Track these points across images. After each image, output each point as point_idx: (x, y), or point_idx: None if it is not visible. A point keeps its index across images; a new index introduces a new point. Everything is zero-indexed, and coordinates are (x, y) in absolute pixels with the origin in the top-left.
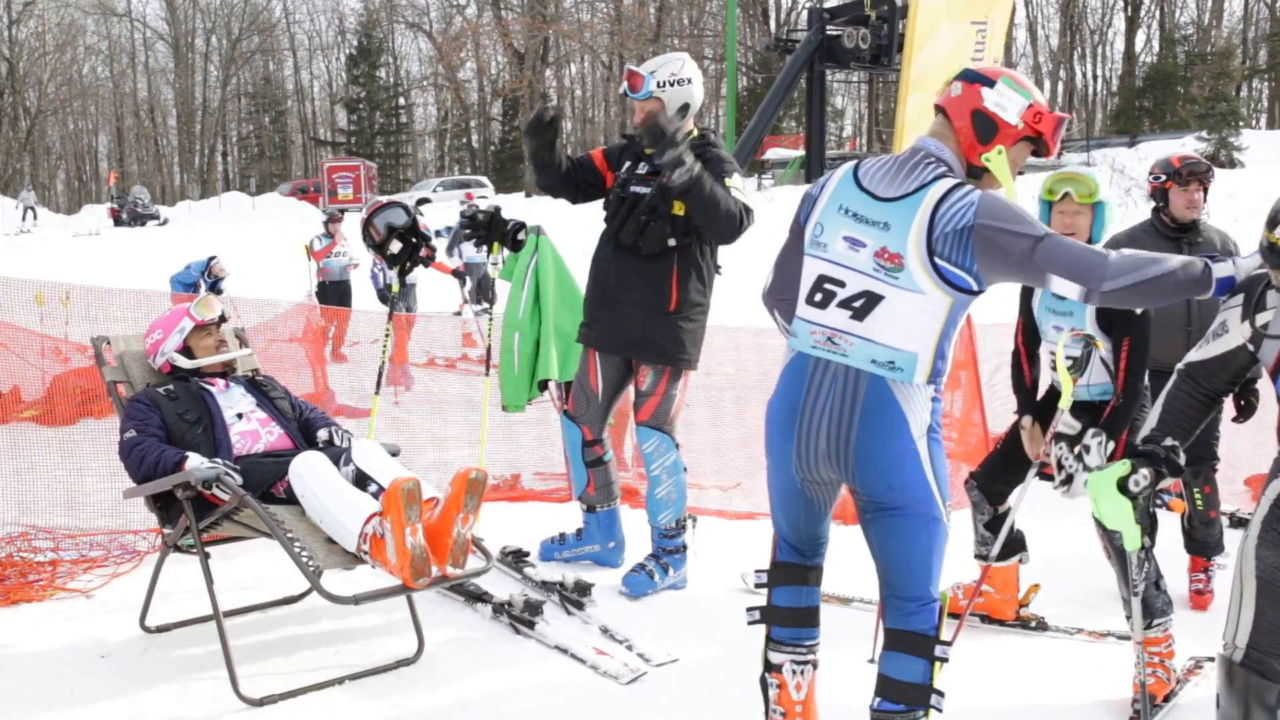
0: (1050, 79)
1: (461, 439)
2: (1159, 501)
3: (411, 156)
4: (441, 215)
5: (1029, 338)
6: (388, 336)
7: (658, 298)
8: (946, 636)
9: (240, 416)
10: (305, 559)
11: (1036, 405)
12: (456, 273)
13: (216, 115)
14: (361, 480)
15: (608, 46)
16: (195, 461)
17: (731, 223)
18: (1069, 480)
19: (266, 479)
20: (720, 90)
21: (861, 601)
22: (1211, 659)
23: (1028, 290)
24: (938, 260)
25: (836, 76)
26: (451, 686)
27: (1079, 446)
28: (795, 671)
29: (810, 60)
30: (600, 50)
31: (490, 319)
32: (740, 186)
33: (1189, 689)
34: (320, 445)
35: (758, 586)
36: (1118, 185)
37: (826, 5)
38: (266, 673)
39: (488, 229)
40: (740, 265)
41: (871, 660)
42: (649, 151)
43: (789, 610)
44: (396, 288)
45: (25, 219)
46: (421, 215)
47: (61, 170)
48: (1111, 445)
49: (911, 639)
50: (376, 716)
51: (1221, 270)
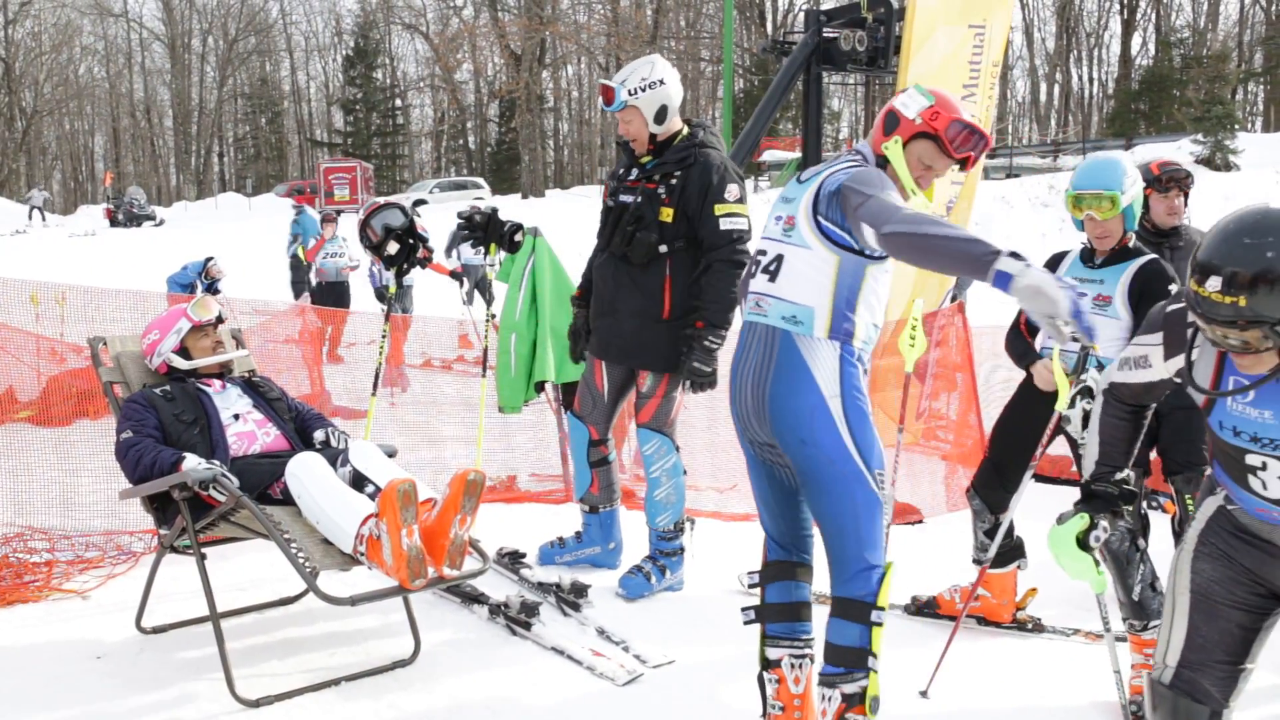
0: (1046, 82)
1: (458, 440)
2: (1153, 504)
3: (408, 158)
4: (439, 217)
5: (1031, 323)
6: (384, 338)
7: (652, 305)
8: (890, 602)
9: (237, 417)
10: (302, 560)
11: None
12: (454, 274)
13: (213, 116)
14: (358, 481)
15: (604, 48)
16: (192, 462)
17: (735, 299)
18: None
19: (263, 480)
20: (717, 92)
21: None
22: None
23: None
24: (820, 219)
25: (833, 79)
26: (448, 688)
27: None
28: (794, 665)
29: (807, 62)
30: (597, 52)
31: (489, 320)
32: (737, 199)
33: None
34: (317, 446)
35: (751, 587)
36: None
37: (823, 7)
38: (263, 674)
39: (484, 230)
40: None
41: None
42: (643, 160)
43: (781, 606)
44: (393, 289)
45: (32, 218)
46: (419, 216)
47: (57, 171)
48: None
49: (848, 605)
50: (373, 717)
51: (1009, 266)
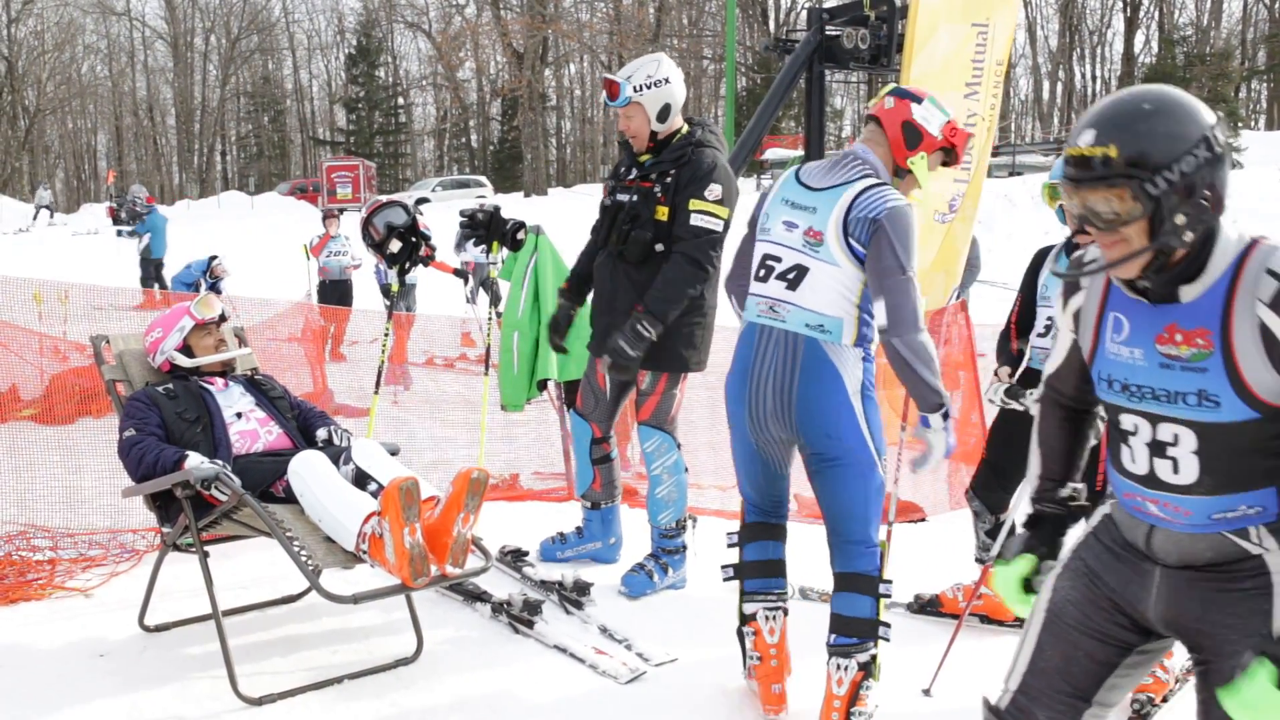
0: (1049, 80)
1: (461, 439)
2: None
3: (410, 156)
4: (441, 216)
5: (1023, 316)
6: (387, 336)
7: None
8: (891, 600)
9: (239, 416)
10: (304, 558)
11: (1017, 363)
12: (458, 272)
13: (215, 114)
14: (361, 479)
15: (607, 46)
16: (195, 460)
17: (684, 296)
18: None
19: (265, 478)
20: (719, 90)
21: None
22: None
23: (1032, 273)
24: (851, 240)
25: (836, 77)
26: (450, 686)
27: None
28: (768, 618)
29: (809, 60)
30: (599, 50)
31: (492, 318)
32: (717, 199)
33: (1187, 689)
34: (319, 444)
35: (730, 547)
36: None
37: (826, 5)
38: (265, 672)
39: (487, 228)
40: None
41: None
42: (642, 158)
43: (759, 563)
44: (396, 287)
45: (38, 218)
46: (421, 215)
47: (60, 169)
48: None
49: (859, 580)
50: (375, 715)
51: (935, 421)
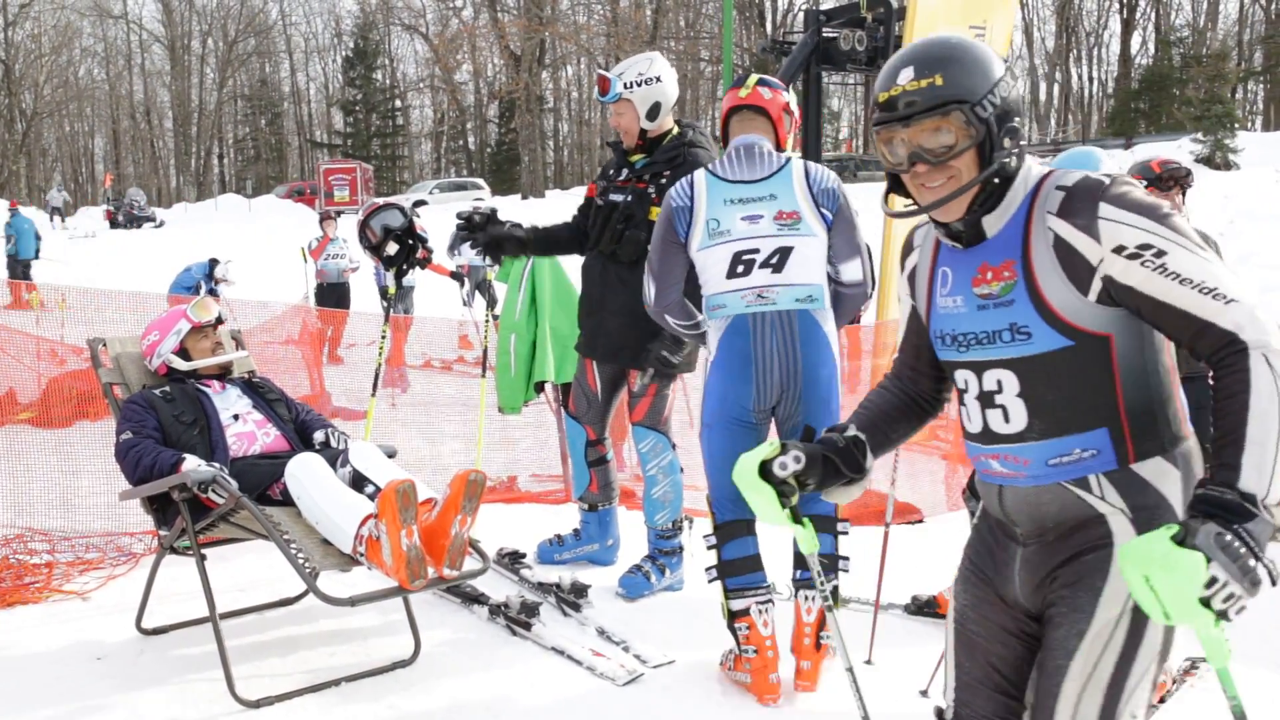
0: (1046, 81)
1: (458, 441)
2: None
3: (408, 158)
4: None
5: None
6: (384, 338)
7: (639, 304)
8: (890, 601)
9: (236, 418)
10: (301, 561)
11: None
12: (455, 274)
13: (213, 117)
14: (358, 482)
15: (604, 49)
16: (192, 463)
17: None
18: None
19: (263, 480)
20: (716, 92)
21: (859, 602)
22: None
23: None
24: (822, 210)
25: (833, 79)
26: (448, 688)
27: None
28: (761, 611)
29: (806, 62)
30: (596, 52)
31: (489, 320)
32: None
33: (1185, 689)
34: (317, 447)
35: (709, 549)
36: None
37: (823, 8)
38: (263, 674)
39: (484, 232)
40: None
41: (869, 661)
42: (633, 158)
43: (740, 560)
44: (393, 290)
45: (52, 221)
46: (418, 217)
47: (57, 173)
48: None
49: (820, 520)
50: (373, 718)
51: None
